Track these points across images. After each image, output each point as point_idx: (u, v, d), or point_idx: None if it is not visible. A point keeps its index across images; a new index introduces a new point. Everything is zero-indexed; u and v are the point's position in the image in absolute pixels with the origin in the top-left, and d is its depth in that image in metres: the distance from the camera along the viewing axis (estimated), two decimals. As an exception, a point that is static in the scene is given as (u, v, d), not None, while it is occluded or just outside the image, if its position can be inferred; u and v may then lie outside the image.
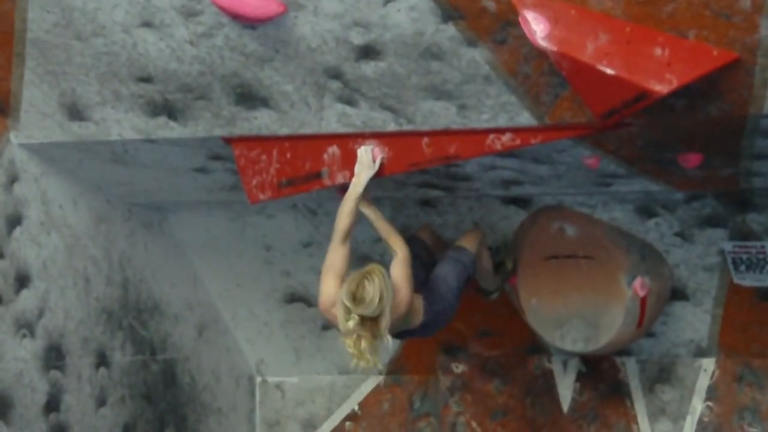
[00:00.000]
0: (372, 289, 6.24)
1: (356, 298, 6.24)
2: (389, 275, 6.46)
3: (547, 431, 8.93)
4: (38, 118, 7.03)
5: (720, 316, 8.40)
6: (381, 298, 6.25)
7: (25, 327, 7.19)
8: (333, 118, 6.65)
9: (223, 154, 7.23)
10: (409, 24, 5.98)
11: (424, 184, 7.69)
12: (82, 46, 6.52)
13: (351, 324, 6.26)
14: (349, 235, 6.69)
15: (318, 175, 7.00)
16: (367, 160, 6.74)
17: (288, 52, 6.30)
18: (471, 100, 6.27)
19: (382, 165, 6.75)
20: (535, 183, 7.58)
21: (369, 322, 6.28)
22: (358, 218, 6.77)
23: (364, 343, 6.27)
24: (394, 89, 6.37)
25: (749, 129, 6.26)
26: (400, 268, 6.67)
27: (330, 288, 6.57)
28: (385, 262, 8.71)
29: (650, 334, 8.54)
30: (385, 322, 6.30)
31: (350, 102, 6.52)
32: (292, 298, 9.23)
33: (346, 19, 6.05)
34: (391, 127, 6.59)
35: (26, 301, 7.23)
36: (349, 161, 6.86)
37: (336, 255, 6.67)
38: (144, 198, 8.31)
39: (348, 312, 6.27)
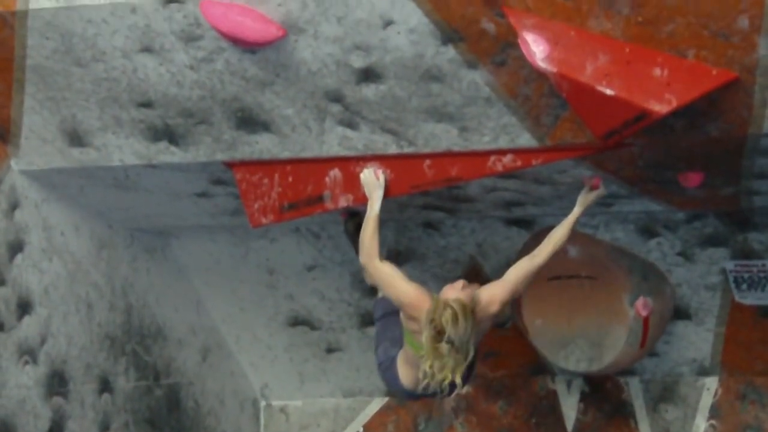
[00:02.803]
0: (450, 327, 6.14)
1: (440, 331, 6.15)
2: (468, 299, 6.32)
3: (552, 452, 8.90)
4: (39, 145, 7.00)
5: (722, 334, 8.36)
6: (462, 333, 6.16)
7: (28, 353, 7.15)
8: (334, 142, 6.62)
9: (225, 178, 7.21)
10: (409, 46, 5.95)
11: (426, 206, 7.66)
12: (82, 71, 6.49)
13: (443, 350, 6.17)
14: (380, 248, 6.65)
15: (320, 199, 6.97)
16: (374, 179, 6.72)
17: (288, 75, 6.28)
18: (472, 122, 6.24)
19: (387, 182, 6.73)
20: (537, 204, 7.55)
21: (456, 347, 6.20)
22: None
23: (451, 362, 6.18)
24: (395, 112, 6.34)
25: (749, 148, 6.23)
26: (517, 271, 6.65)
27: (410, 292, 6.44)
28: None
29: (653, 354, 8.50)
30: (471, 346, 6.24)
31: (351, 125, 6.49)
32: (296, 322, 9.20)
33: (346, 43, 6.02)
34: (393, 149, 6.56)
35: (28, 327, 7.19)
36: (351, 184, 6.83)
37: (386, 268, 6.58)
38: (146, 223, 8.28)
39: (437, 340, 6.19)
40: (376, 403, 9.44)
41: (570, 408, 8.89)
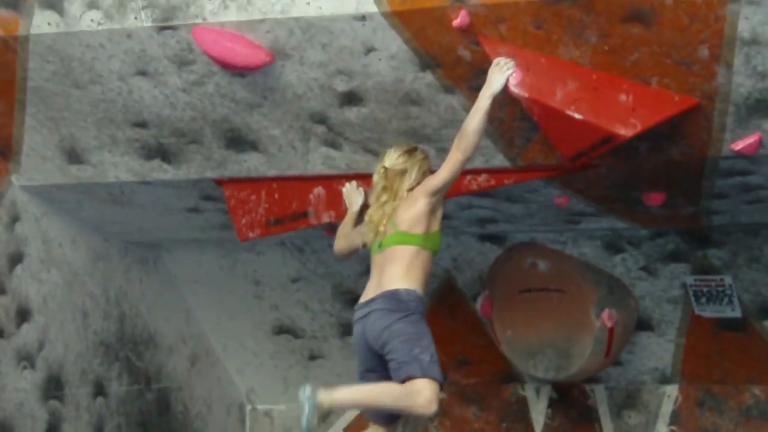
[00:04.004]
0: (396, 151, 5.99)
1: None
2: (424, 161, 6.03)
3: (522, 455, 8.88)
4: (39, 162, 6.98)
5: (682, 345, 8.36)
6: (393, 162, 5.96)
7: (26, 359, 7.13)
8: (318, 161, 6.62)
9: (215, 194, 7.19)
10: (390, 72, 5.96)
11: (404, 222, 7.64)
12: (81, 93, 6.48)
13: (375, 176, 6.01)
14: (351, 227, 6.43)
15: (304, 215, 6.96)
16: (354, 189, 6.60)
17: (275, 98, 6.28)
18: (449, 143, 6.22)
19: (365, 197, 6.48)
20: (509, 221, 7.55)
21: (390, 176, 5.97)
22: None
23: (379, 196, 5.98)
24: (376, 133, 6.34)
25: (709, 170, 6.25)
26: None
27: None
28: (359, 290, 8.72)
29: (617, 363, 8.50)
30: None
31: (334, 145, 6.49)
32: (281, 330, 9.17)
33: (330, 68, 6.02)
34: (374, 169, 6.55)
35: (27, 334, 7.17)
36: (334, 201, 6.82)
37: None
38: (139, 236, 8.26)
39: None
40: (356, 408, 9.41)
41: (539, 413, 8.87)
